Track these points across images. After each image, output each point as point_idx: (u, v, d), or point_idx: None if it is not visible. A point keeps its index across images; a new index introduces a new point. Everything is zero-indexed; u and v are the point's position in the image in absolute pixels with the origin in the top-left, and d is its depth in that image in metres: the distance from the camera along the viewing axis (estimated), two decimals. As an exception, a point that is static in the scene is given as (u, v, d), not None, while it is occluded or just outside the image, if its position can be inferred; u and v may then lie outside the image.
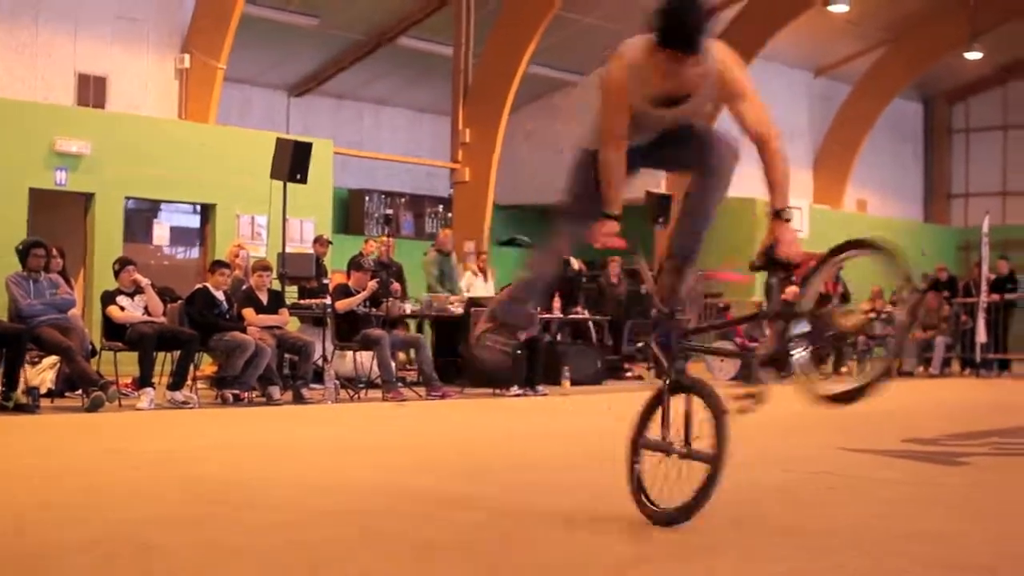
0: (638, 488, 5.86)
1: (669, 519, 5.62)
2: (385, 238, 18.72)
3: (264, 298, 15.00)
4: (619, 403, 15.88)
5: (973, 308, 23.61)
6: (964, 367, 23.92)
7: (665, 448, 5.78)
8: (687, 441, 5.69)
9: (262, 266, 15.30)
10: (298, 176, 16.17)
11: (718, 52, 5.46)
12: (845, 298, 23.63)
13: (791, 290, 6.17)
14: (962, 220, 35.72)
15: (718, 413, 5.51)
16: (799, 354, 5.55)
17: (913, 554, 5.29)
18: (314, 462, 8.83)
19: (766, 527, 5.92)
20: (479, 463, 8.87)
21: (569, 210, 5.98)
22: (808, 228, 28.75)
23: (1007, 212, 34.68)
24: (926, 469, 8.45)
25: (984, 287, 23.47)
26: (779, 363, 5.62)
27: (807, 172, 32.11)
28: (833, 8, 26.89)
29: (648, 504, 5.79)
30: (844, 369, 23.24)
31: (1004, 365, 23.90)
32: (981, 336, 23.25)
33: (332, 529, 5.83)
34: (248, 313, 14.67)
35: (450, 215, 26.37)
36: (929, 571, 4.95)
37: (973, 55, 30.65)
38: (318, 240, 18.62)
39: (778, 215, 5.63)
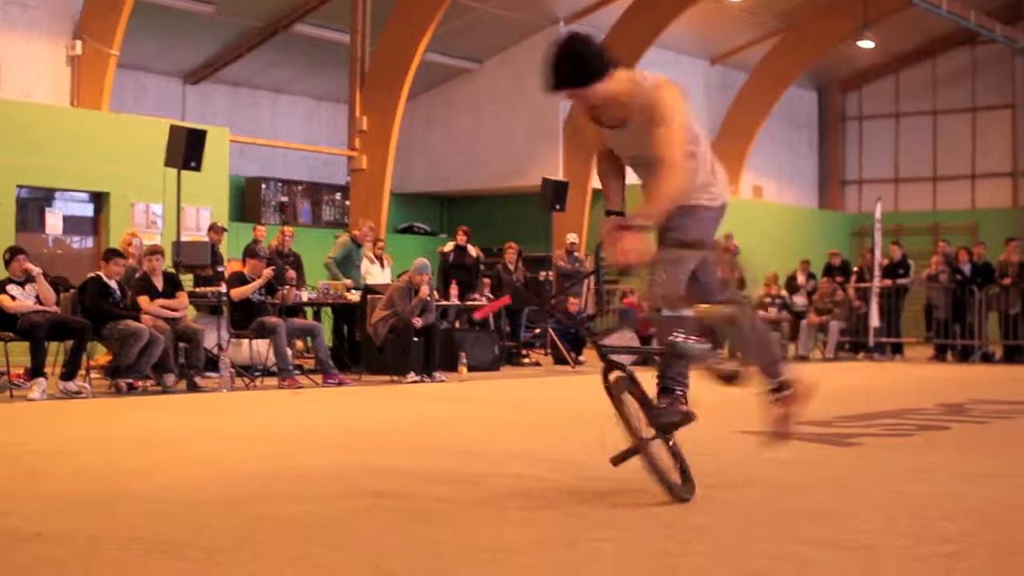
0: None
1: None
2: (284, 227, 18.63)
3: (159, 283, 14.83)
4: (516, 389, 16.01)
5: (866, 293, 23.94)
6: (858, 351, 24.24)
7: None
8: None
9: (153, 250, 15.11)
10: (192, 164, 16.09)
11: (644, 82, 6.02)
12: (742, 284, 23.88)
13: None
14: (856, 206, 36.16)
15: None
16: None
17: (797, 533, 5.38)
18: (197, 450, 8.78)
19: (654, 511, 5.97)
20: (365, 448, 8.88)
21: None
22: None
23: (899, 198, 35.17)
24: (817, 450, 8.57)
25: (877, 272, 23.80)
26: None
27: (703, 159, 32.32)
28: (728, -4, 27.07)
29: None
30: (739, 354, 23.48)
31: (897, 349, 24.25)
32: (874, 320, 23.58)
33: (211, 516, 5.82)
34: (143, 300, 14.52)
35: (348, 203, 26.28)
36: (811, 549, 5.03)
37: (865, 44, 31.03)
38: (213, 228, 18.51)
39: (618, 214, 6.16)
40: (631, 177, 6.24)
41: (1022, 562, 4.78)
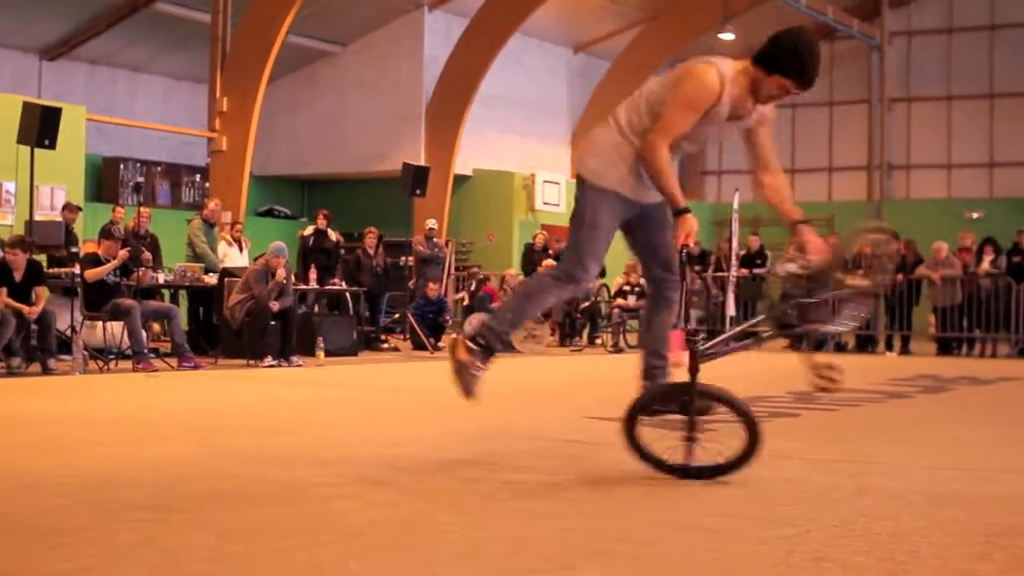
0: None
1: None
2: (139, 208, 18.38)
3: (18, 275, 14.36)
4: (373, 374, 15.97)
5: (724, 282, 24.22)
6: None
7: None
8: None
9: (15, 242, 14.61)
10: (47, 142, 15.84)
11: None
12: (602, 272, 24.07)
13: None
14: (715, 196, 36.58)
15: None
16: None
17: (641, 516, 5.43)
18: (43, 433, 8.67)
19: (501, 496, 6.00)
20: (214, 432, 8.82)
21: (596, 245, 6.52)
22: (565, 202, 29.20)
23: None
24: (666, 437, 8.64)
25: (734, 262, 24.10)
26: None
27: (565, 148, 32.48)
28: (592, -15, 27.23)
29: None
30: (598, 340, 23.66)
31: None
32: (731, 310, 23.87)
33: (53, 498, 5.75)
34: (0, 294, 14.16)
35: (207, 185, 26.01)
36: (654, 531, 5.08)
37: (726, 36, 31.39)
38: (67, 207, 18.22)
39: (805, 222, 6.42)
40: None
41: (859, 545, 4.86)
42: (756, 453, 6.20)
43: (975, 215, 32.15)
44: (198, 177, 27.94)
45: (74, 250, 17.39)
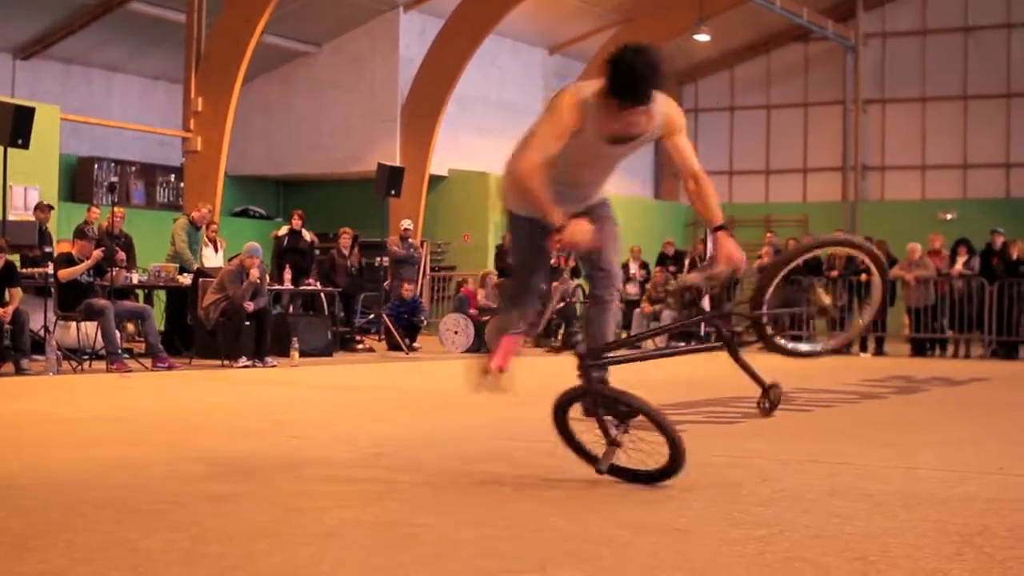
0: None
1: None
2: (114, 208, 18.32)
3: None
4: (348, 374, 15.95)
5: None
6: (690, 340, 24.49)
7: None
8: None
9: None
10: (19, 141, 15.78)
11: (663, 98, 6.04)
12: (576, 273, 24.03)
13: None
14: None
15: None
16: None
17: (615, 517, 5.44)
18: (16, 434, 8.67)
19: (475, 498, 6.01)
20: (186, 433, 8.81)
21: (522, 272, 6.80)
22: (540, 203, 29.17)
23: (733, 190, 35.69)
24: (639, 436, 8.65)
25: (708, 263, 24.13)
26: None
27: (541, 148, 32.38)
28: (567, -13, 27.24)
29: None
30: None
31: (726, 338, 24.55)
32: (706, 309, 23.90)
33: (27, 500, 5.73)
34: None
35: (182, 185, 25.93)
36: (627, 532, 5.09)
37: (701, 38, 31.45)
38: (38, 207, 18.14)
39: (723, 229, 6.41)
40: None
41: (831, 546, 4.89)
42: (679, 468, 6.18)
43: (948, 216, 32.24)
44: (173, 177, 27.85)
45: (48, 250, 17.32)
